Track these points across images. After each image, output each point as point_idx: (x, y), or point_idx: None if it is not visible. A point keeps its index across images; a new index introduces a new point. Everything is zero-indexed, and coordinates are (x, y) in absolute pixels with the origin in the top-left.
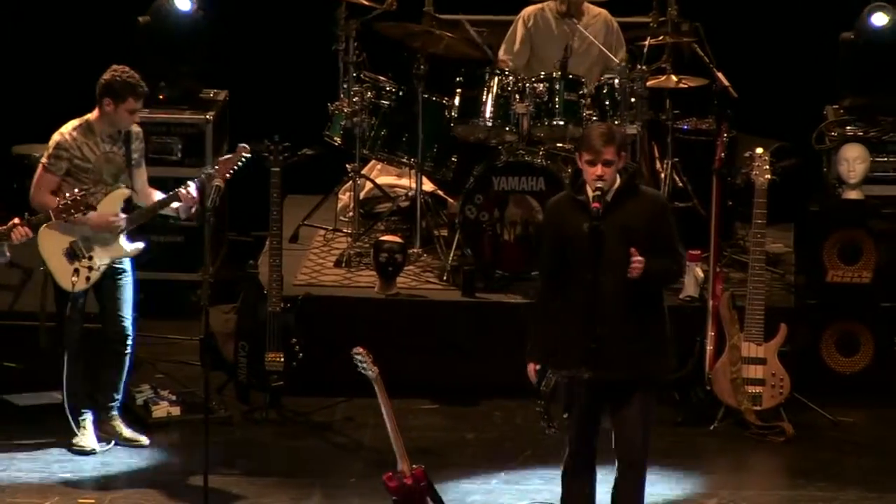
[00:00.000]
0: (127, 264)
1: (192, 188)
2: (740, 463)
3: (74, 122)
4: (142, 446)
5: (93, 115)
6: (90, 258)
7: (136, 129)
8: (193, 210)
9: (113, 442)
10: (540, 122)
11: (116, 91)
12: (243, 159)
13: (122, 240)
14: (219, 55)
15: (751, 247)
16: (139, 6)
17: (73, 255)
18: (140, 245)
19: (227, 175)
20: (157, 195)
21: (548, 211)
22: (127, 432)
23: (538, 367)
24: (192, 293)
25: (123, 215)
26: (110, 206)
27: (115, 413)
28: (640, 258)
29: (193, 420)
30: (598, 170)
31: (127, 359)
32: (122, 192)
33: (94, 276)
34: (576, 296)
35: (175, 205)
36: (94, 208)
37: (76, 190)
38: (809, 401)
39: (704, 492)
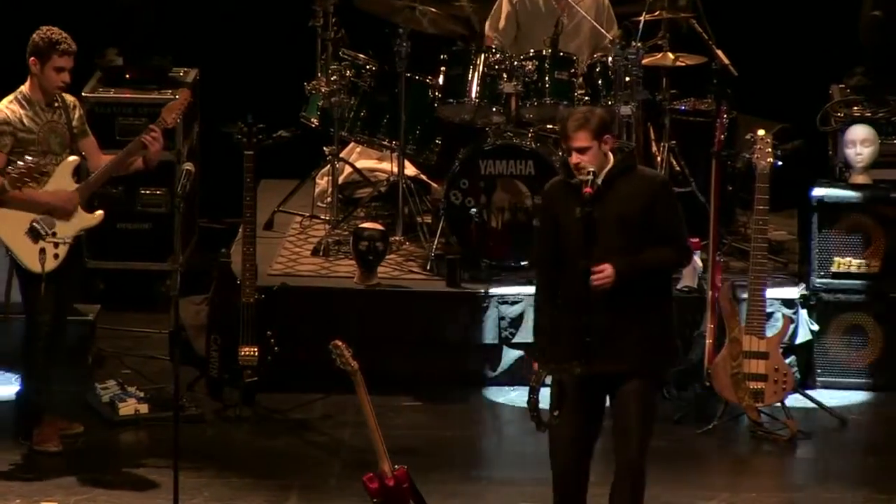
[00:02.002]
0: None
1: (156, 132)
2: (741, 463)
3: (9, 97)
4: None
5: (26, 86)
6: (54, 234)
7: (70, 98)
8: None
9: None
10: (529, 103)
11: (40, 49)
12: (188, 103)
13: (80, 211)
14: (189, 31)
15: (752, 234)
16: None
17: (35, 234)
18: (100, 213)
19: (176, 121)
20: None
21: (543, 196)
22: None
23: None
24: (160, 283)
25: (76, 185)
26: (62, 177)
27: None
28: (606, 269)
29: (162, 418)
30: (574, 157)
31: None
32: (73, 160)
33: (62, 251)
34: (569, 286)
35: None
36: (48, 174)
37: (28, 158)
38: (814, 397)
39: (703, 493)
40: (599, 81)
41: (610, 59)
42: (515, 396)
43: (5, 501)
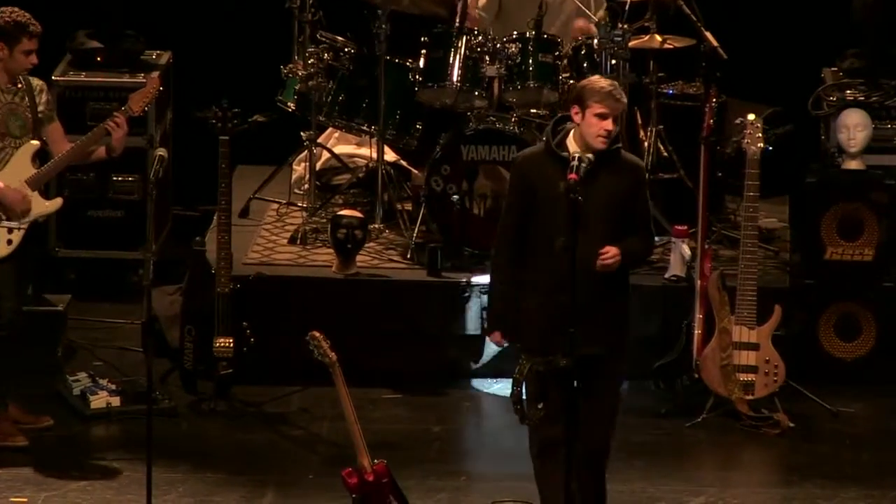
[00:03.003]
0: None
1: (119, 119)
2: (730, 457)
3: None
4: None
5: None
6: (9, 219)
7: (37, 81)
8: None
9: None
10: (512, 86)
11: (8, 33)
12: (155, 90)
13: (37, 197)
14: (162, 12)
15: (742, 222)
16: None
17: None
18: (59, 200)
19: (144, 109)
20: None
21: (519, 165)
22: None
23: (503, 338)
24: (133, 273)
25: (34, 170)
26: (21, 162)
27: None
28: (613, 250)
29: (135, 412)
30: (609, 124)
31: None
32: (33, 144)
33: (17, 237)
34: (542, 263)
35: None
36: (6, 158)
37: None
38: (806, 389)
39: (691, 488)
40: (584, 64)
41: (595, 41)
42: (498, 388)
43: None
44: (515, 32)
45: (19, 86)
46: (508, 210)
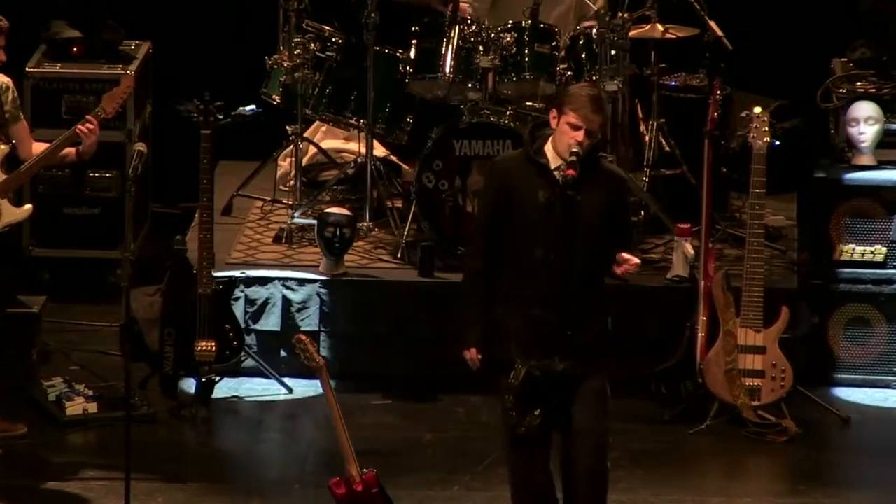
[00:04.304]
0: None
1: (92, 124)
2: (736, 466)
3: None
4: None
5: None
6: None
7: (3, 79)
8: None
9: None
10: (507, 78)
11: None
12: (129, 89)
13: (6, 204)
14: (141, 1)
15: (748, 220)
16: None
17: None
18: (28, 207)
19: (118, 110)
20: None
21: (494, 170)
22: None
23: (479, 355)
24: (110, 273)
25: (3, 176)
26: None
27: None
28: (632, 259)
29: (113, 418)
30: (580, 135)
31: None
32: (1, 149)
33: None
34: (517, 274)
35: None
36: None
37: None
38: (815, 395)
39: (694, 498)
40: (583, 55)
41: (594, 30)
42: (492, 395)
43: None
44: (510, 22)
45: None
46: (482, 213)
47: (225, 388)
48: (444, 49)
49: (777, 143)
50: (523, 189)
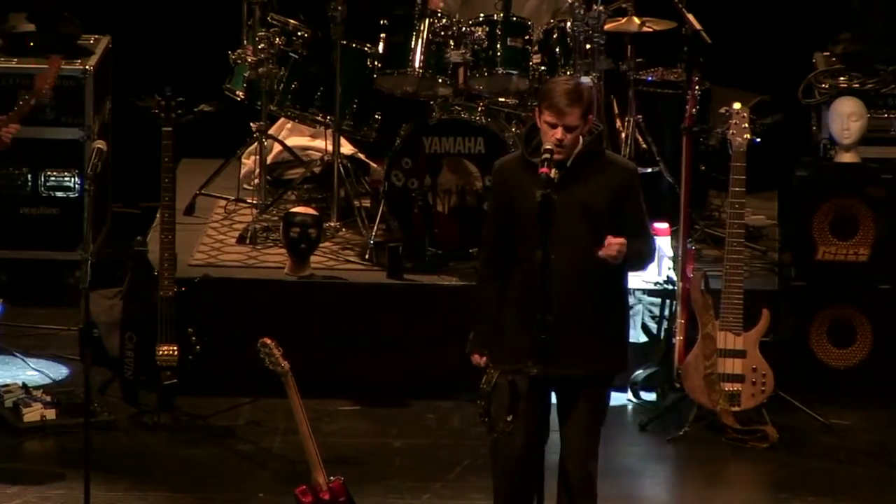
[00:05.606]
0: None
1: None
2: (715, 473)
3: None
4: None
5: None
6: None
7: None
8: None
9: None
10: (479, 73)
11: None
12: (57, 69)
13: None
14: None
15: (727, 219)
16: None
17: None
18: None
19: (49, 89)
20: None
21: (497, 173)
22: None
23: (485, 358)
24: (69, 275)
25: None
26: None
27: None
28: (619, 239)
29: (72, 425)
30: (559, 133)
31: None
32: None
33: None
34: (521, 277)
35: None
36: None
37: None
38: (796, 400)
39: None
40: (557, 49)
41: (568, 24)
42: (463, 400)
43: None
44: (482, 15)
45: None
46: (488, 220)
47: (187, 393)
48: (413, 43)
49: (758, 139)
50: (522, 190)
